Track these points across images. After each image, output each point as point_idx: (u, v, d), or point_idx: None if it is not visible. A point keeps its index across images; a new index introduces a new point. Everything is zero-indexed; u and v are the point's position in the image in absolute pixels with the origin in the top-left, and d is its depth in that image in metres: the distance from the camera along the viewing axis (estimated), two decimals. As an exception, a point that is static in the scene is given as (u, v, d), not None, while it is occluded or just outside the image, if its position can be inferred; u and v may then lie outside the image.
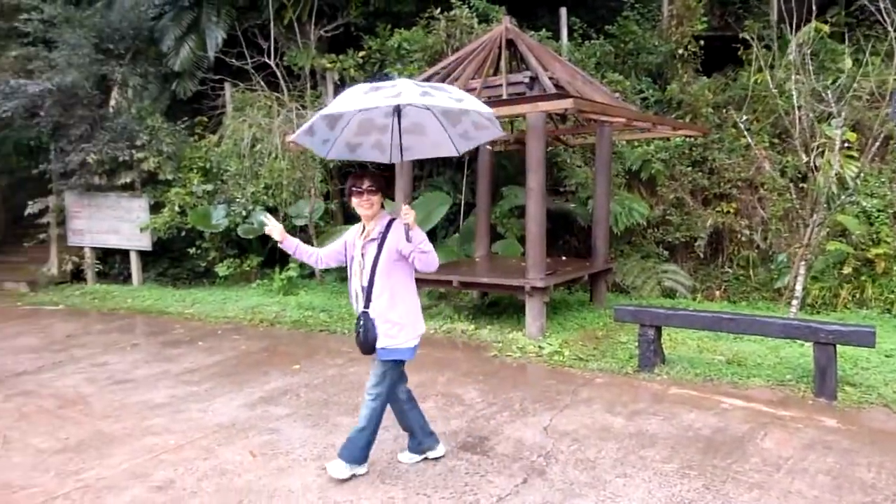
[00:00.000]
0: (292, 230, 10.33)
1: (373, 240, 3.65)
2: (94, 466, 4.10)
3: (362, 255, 3.68)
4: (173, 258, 10.91)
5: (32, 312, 9.29)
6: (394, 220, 3.68)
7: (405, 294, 3.72)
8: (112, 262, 11.12)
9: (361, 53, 11.13)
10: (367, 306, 3.64)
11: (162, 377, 5.99)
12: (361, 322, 3.65)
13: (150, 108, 10.95)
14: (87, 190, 10.66)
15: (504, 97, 6.98)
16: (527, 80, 7.01)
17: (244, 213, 10.03)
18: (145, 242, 10.40)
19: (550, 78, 6.84)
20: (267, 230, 3.99)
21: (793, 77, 7.87)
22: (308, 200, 10.12)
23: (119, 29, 10.92)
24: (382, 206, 3.74)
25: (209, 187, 10.36)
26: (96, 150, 10.09)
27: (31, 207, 10.83)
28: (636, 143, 9.71)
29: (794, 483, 3.70)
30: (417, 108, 3.55)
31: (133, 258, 10.58)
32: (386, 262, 3.61)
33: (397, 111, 3.48)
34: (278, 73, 11.11)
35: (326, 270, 10.32)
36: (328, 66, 10.99)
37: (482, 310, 8.51)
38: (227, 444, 4.35)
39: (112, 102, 11.07)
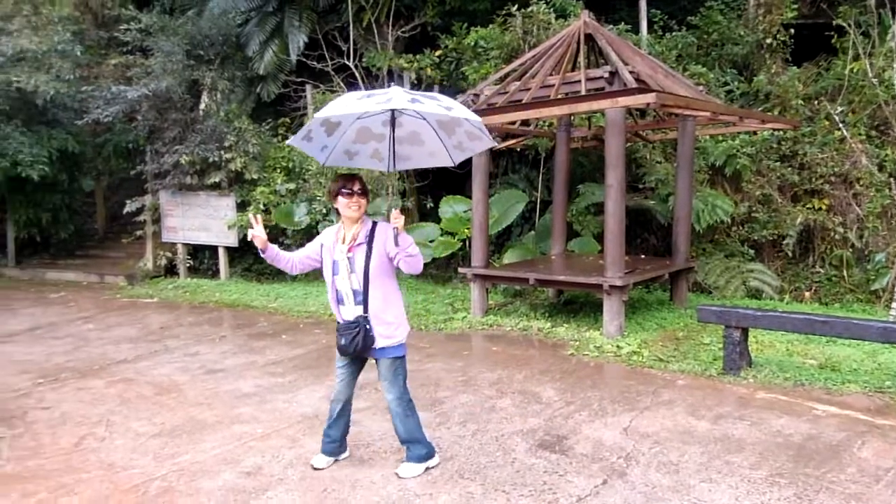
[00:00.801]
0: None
1: (360, 244, 3.69)
2: (189, 451, 4.34)
3: (349, 259, 3.70)
4: (258, 254, 11.27)
5: (130, 304, 9.90)
6: (377, 223, 3.76)
7: (394, 294, 3.80)
8: (202, 258, 11.70)
9: (438, 53, 11.24)
10: (365, 310, 3.69)
11: (249, 368, 6.26)
12: (360, 325, 3.67)
13: (237, 110, 11.44)
14: (180, 189, 11.25)
15: (583, 93, 6.89)
16: (606, 74, 6.89)
17: (324, 210, 10.33)
18: (232, 239, 10.89)
19: (631, 72, 6.69)
20: (251, 236, 3.83)
21: (894, 65, 7.39)
22: (385, 198, 10.32)
23: (209, 35, 11.46)
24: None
25: (291, 186, 10.74)
26: (188, 152, 10.64)
27: (129, 206, 11.54)
28: (720, 138, 9.37)
29: (895, 496, 3.49)
30: (413, 117, 3.62)
31: (221, 254, 11.10)
32: (377, 265, 3.67)
33: (392, 120, 3.55)
34: (357, 74, 11.38)
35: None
36: (405, 66, 11.15)
37: (558, 308, 8.44)
38: (311, 435, 4.50)
39: (202, 106, 11.63)
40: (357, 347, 3.68)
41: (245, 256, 11.37)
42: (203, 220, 11.10)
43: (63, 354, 6.99)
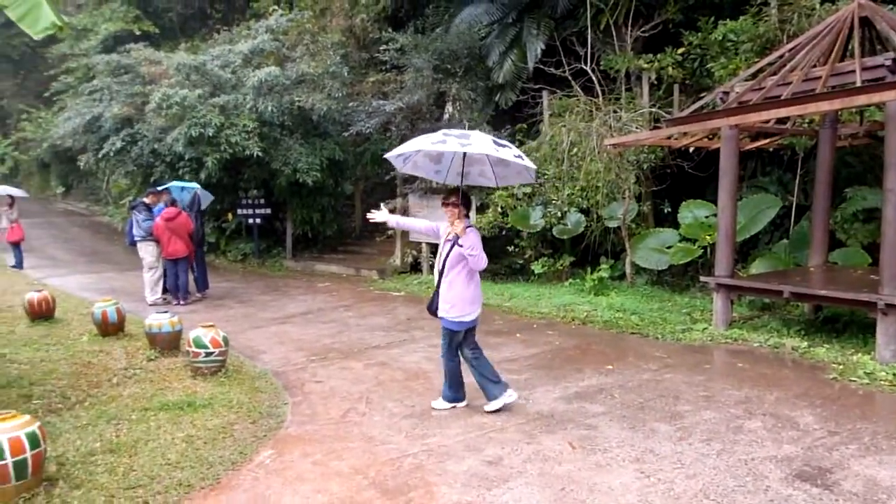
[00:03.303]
0: (605, 231, 10.48)
1: (449, 240, 4.95)
2: (436, 434, 4.74)
3: (442, 247, 5.03)
4: (493, 254, 11.81)
5: (381, 296, 10.98)
6: (469, 228, 4.86)
7: (458, 283, 4.95)
8: (443, 257, 12.57)
9: (680, 50, 10.72)
10: (438, 286, 5.00)
11: (487, 363, 6.60)
12: (434, 296, 5.05)
13: (478, 118, 12.07)
14: (426, 193, 12.21)
15: (857, 84, 6.11)
16: (888, 62, 6.04)
17: (559, 214, 10.47)
18: (470, 240, 11.51)
19: (922, 58, 5.79)
20: (371, 217, 5.37)
21: None
22: (621, 202, 10.14)
23: (455, 50, 12.27)
24: (466, 216, 4.96)
25: (528, 190, 11.05)
26: (434, 158, 11.48)
27: (382, 208, 12.79)
28: None
29: None
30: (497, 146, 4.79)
31: (460, 254, 11.80)
32: (452, 259, 4.92)
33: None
34: (594, 78, 11.32)
35: (638, 274, 10.23)
36: (644, 66, 10.83)
37: (815, 325, 7.58)
38: (548, 433, 4.64)
39: (446, 116, 12.48)
40: (429, 308, 5.14)
41: (481, 256, 11.96)
42: (445, 220, 11.89)
43: (329, 337, 8.02)
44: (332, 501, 3.74)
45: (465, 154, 4.87)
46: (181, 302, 10.31)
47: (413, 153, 5.17)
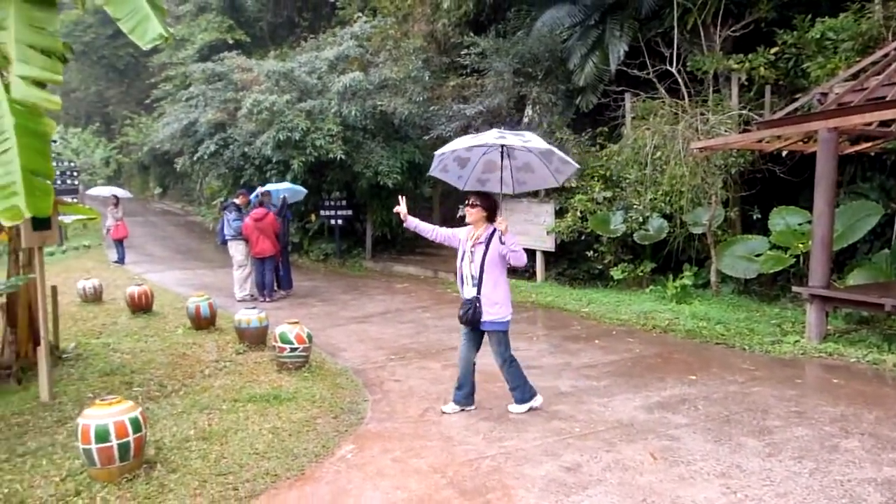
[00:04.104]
0: (689, 238, 10.16)
1: (480, 242, 4.98)
2: (513, 437, 4.74)
3: (472, 251, 5.01)
4: (572, 259, 11.76)
5: (458, 299, 10.98)
6: (497, 229, 4.86)
7: (502, 283, 5.03)
8: (520, 260, 12.53)
9: (773, 50, 10.26)
10: (478, 292, 4.94)
11: (564, 368, 6.55)
12: (472, 302, 4.97)
13: (558, 121, 11.97)
14: (503, 197, 12.19)
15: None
16: None
17: (641, 219, 10.23)
18: (549, 244, 11.44)
19: None
20: (395, 210, 5.21)
21: None
22: (706, 208, 9.80)
23: (536, 53, 12.22)
24: (489, 220, 4.99)
25: (609, 194, 10.87)
26: (513, 162, 11.47)
27: (461, 211, 12.90)
28: None
29: None
30: (522, 150, 5.00)
31: (538, 257, 11.74)
32: (491, 259, 4.93)
33: (507, 153, 5.04)
34: (680, 80, 11.00)
35: (724, 282, 9.85)
36: (735, 67, 10.42)
37: (922, 342, 7.08)
38: (628, 442, 4.56)
39: (525, 119, 12.45)
40: (468, 319, 5.00)
41: (560, 261, 11.85)
42: (523, 224, 11.88)
43: (407, 337, 8.15)
44: (411, 498, 3.82)
45: (508, 153, 5.07)
46: (267, 299, 10.74)
47: (449, 153, 5.17)
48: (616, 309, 9.19)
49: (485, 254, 4.93)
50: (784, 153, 9.03)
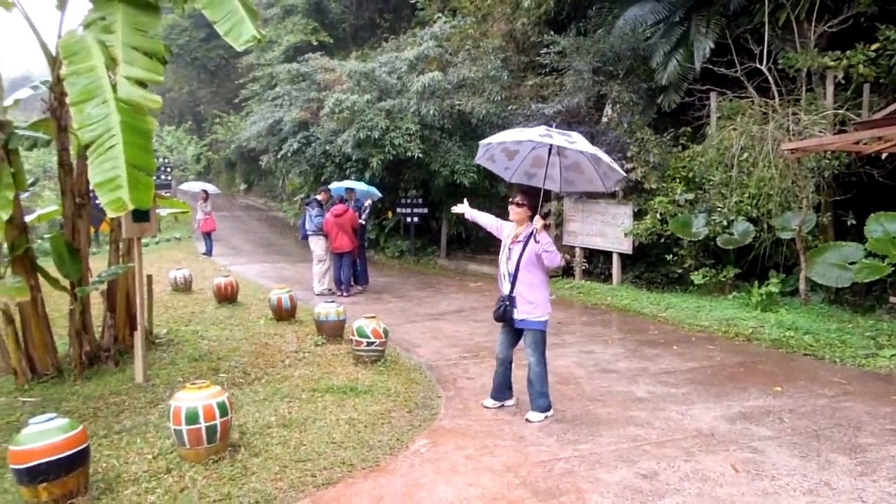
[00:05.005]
0: (776, 243, 9.71)
1: (519, 241, 4.99)
2: (587, 441, 4.68)
3: (510, 249, 5.03)
4: (650, 263, 11.47)
5: (532, 300, 10.98)
6: (536, 229, 4.83)
7: (539, 282, 4.98)
8: (596, 262, 12.32)
9: (874, 46, 9.65)
10: (512, 290, 4.94)
11: (640, 374, 6.41)
12: (506, 301, 4.97)
13: (639, 121, 11.69)
14: (581, 197, 12.05)
15: None
16: None
17: (725, 222, 9.86)
18: (627, 246, 11.20)
19: None
20: (455, 209, 5.37)
21: None
22: (796, 212, 9.34)
23: (617, 51, 11.98)
24: (530, 219, 4.91)
25: (690, 196, 10.53)
26: (592, 162, 11.31)
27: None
28: None
29: None
30: (573, 150, 4.91)
31: (615, 260, 11.51)
32: (527, 258, 4.91)
33: (558, 150, 4.99)
34: (770, 78, 10.52)
35: (813, 290, 9.36)
36: (830, 64, 9.87)
37: None
38: (708, 452, 4.42)
39: (604, 119, 12.22)
40: (499, 316, 5.04)
41: (637, 264, 11.59)
42: (600, 226, 11.68)
43: (481, 335, 8.18)
44: (484, 495, 3.84)
45: (559, 152, 5.07)
46: (344, 294, 11.02)
47: (497, 144, 5.22)
48: (696, 314, 8.90)
49: (522, 252, 4.94)
50: (884, 156, 8.49)
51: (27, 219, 6.28)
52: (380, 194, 12.51)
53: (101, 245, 16.54)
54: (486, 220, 5.48)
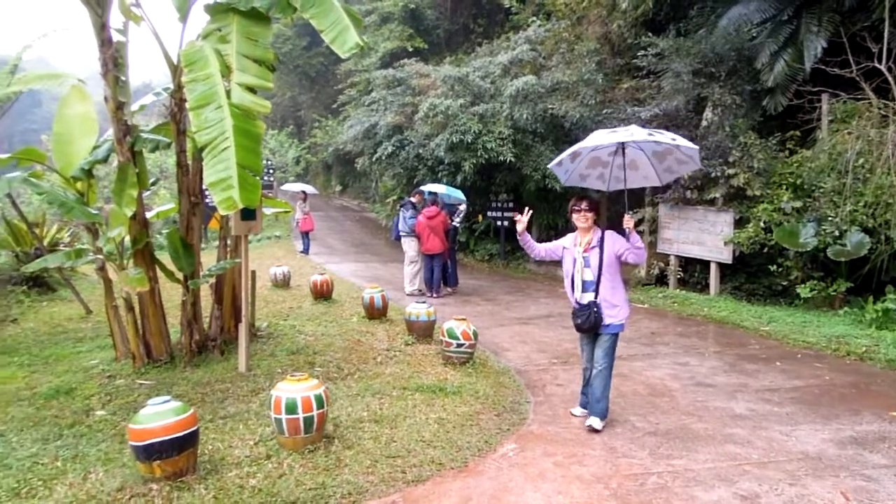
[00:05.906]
0: (895, 256, 9.02)
1: (593, 247, 4.92)
2: (682, 457, 4.53)
3: (584, 258, 4.94)
4: (751, 273, 10.92)
5: (623, 308, 10.71)
6: (605, 231, 4.88)
7: (620, 285, 4.94)
8: (692, 271, 11.86)
9: None
10: (596, 297, 4.86)
11: (740, 389, 6.12)
12: (590, 308, 4.85)
13: (742, 124, 11.17)
14: (677, 203, 11.65)
15: None
16: None
17: (836, 233, 9.24)
18: (726, 255, 10.72)
19: None
20: (518, 221, 5.05)
21: None
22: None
23: (719, 52, 11.50)
24: (596, 223, 4.96)
25: (798, 204, 9.94)
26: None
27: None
28: None
29: None
30: (633, 147, 4.96)
31: (713, 269, 11.04)
32: (608, 263, 4.86)
33: (622, 150, 4.91)
34: (890, 79, 9.78)
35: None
36: (962, 62, 9.07)
37: None
38: (815, 477, 4.17)
39: (704, 122, 11.75)
40: (590, 325, 4.88)
41: (737, 274, 11.06)
42: (697, 233, 11.24)
43: (570, 342, 8.05)
44: (573, 504, 3.80)
45: (591, 156, 5.10)
46: (434, 295, 11.17)
47: (574, 166, 5.21)
48: (802, 330, 8.40)
49: (601, 257, 4.87)
50: None
51: (147, 215, 6.78)
52: (464, 198, 12.54)
53: (208, 241, 17.56)
54: (534, 246, 5.22)
